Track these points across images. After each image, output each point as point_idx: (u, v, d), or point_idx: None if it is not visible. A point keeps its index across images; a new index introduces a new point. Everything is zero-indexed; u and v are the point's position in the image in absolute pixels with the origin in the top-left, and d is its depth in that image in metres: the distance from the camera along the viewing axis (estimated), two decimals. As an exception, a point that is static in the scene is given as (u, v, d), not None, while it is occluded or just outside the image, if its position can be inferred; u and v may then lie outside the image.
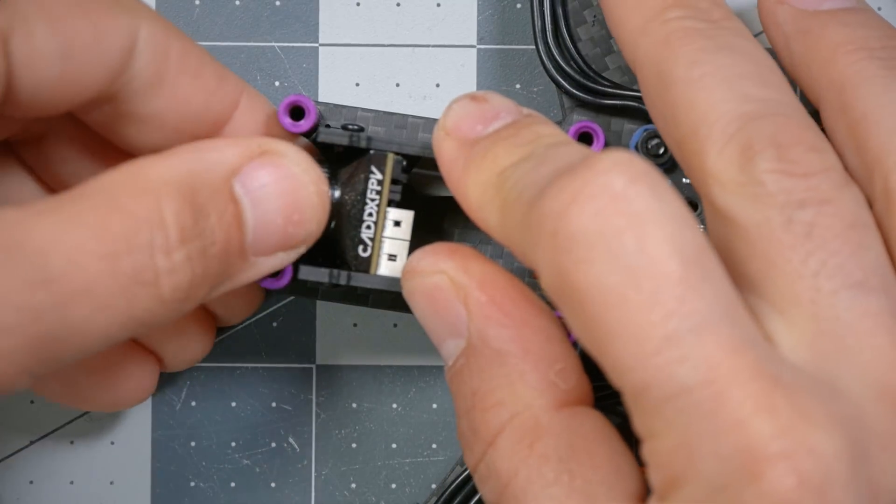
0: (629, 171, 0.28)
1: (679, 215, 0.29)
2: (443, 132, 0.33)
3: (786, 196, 0.30)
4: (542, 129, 0.32)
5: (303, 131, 0.37)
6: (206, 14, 0.41)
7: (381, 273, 0.36)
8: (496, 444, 0.31)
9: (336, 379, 0.41)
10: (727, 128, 0.30)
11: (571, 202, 0.28)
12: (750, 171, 0.30)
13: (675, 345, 0.28)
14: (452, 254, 0.33)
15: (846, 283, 0.30)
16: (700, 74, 0.31)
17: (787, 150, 0.30)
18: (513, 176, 0.31)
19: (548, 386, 0.31)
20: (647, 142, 0.38)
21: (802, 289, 0.30)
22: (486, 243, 0.39)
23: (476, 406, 0.32)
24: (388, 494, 0.41)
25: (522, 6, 0.41)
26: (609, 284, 0.28)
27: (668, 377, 0.28)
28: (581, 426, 0.31)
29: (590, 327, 0.28)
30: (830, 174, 0.30)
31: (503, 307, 0.32)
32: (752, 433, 0.27)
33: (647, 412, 0.28)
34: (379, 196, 0.36)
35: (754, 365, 0.28)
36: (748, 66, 0.32)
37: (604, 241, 0.28)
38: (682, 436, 0.28)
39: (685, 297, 0.28)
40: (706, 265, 0.29)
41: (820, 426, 0.28)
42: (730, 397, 0.28)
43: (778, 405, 0.28)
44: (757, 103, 0.31)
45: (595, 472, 0.30)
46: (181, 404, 0.41)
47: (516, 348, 0.32)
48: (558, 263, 0.28)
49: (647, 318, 0.28)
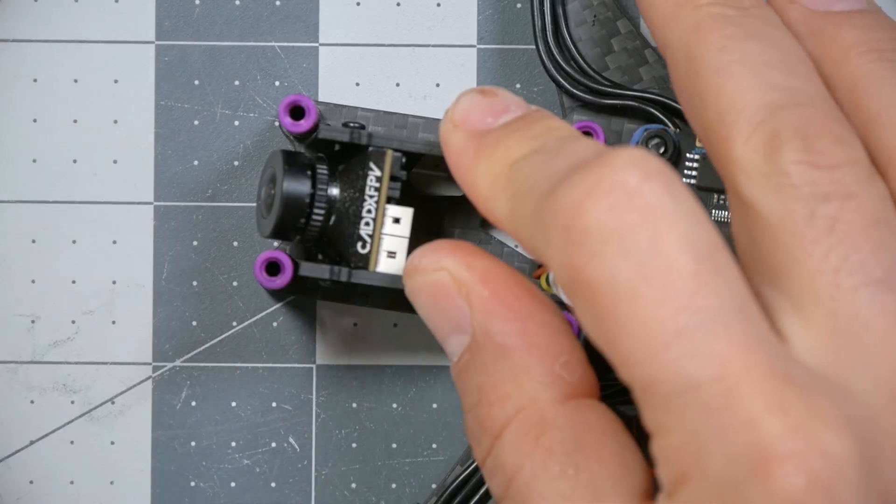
0: (644, 167, 0.29)
1: (693, 212, 0.29)
2: (451, 124, 0.33)
3: (810, 188, 0.30)
4: (553, 123, 0.32)
5: (303, 131, 0.37)
6: (206, 14, 0.41)
7: (380, 270, 0.36)
8: (502, 438, 0.31)
9: (336, 379, 0.41)
10: (754, 116, 0.30)
11: (586, 197, 0.28)
12: (776, 160, 0.30)
13: (685, 340, 0.28)
14: (454, 250, 0.33)
15: (866, 280, 0.29)
16: (729, 61, 0.31)
17: (814, 140, 0.30)
18: (524, 168, 0.31)
19: (553, 379, 0.31)
20: (647, 142, 0.38)
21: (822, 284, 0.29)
22: (487, 243, 0.39)
23: (482, 401, 0.32)
24: (388, 494, 0.41)
25: (522, 6, 0.41)
26: (621, 279, 0.28)
27: (677, 372, 0.28)
28: (587, 419, 0.31)
29: (600, 321, 0.28)
30: (856, 167, 0.30)
31: (506, 301, 0.32)
32: (763, 432, 0.27)
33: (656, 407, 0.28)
34: (378, 193, 0.36)
35: (766, 362, 0.28)
36: (777, 55, 0.31)
37: (617, 236, 0.28)
38: (691, 432, 0.28)
39: (697, 292, 0.28)
40: (719, 262, 0.28)
41: (831, 427, 0.28)
42: (740, 394, 0.27)
43: (789, 404, 0.27)
44: (784, 92, 0.31)
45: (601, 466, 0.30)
46: (181, 404, 0.41)
47: (520, 342, 0.32)
48: (571, 257, 0.28)
49: (658, 312, 0.28)
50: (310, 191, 0.36)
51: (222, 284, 0.41)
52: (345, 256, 0.36)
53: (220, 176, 0.41)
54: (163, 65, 0.41)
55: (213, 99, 0.41)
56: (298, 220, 0.36)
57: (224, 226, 0.41)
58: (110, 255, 0.41)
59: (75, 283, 0.41)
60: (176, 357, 0.41)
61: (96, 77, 0.41)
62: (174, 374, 0.41)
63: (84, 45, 0.41)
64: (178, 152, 0.41)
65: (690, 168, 0.39)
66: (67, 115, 0.41)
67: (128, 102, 0.41)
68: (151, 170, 0.41)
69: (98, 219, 0.41)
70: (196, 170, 0.41)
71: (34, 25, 0.41)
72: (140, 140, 0.41)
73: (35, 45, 0.41)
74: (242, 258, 0.41)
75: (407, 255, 0.36)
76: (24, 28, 0.41)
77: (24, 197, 0.41)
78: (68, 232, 0.41)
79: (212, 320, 0.41)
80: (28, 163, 0.41)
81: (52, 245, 0.41)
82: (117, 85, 0.41)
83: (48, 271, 0.41)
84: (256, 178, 0.41)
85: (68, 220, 0.41)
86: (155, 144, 0.41)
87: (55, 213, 0.41)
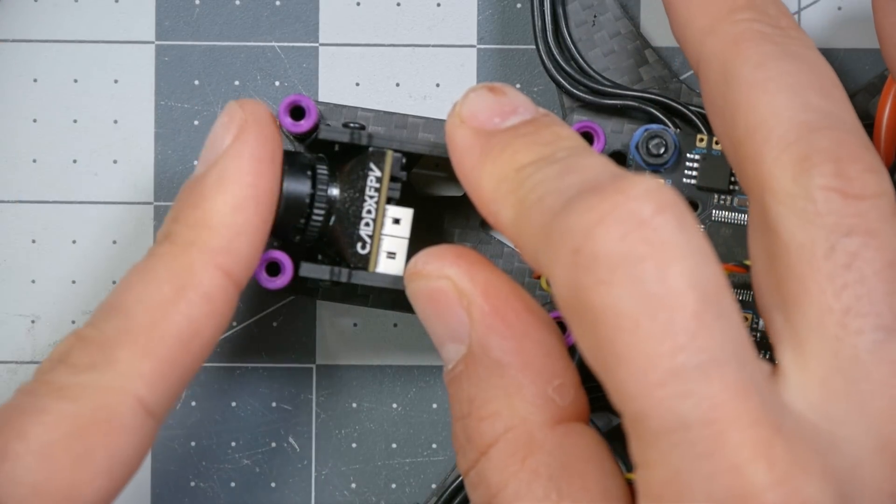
0: (659, 199, 0.28)
1: (702, 250, 0.28)
2: (458, 119, 0.33)
3: (835, 219, 0.30)
4: (562, 131, 0.32)
5: (303, 131, 0.37)
6: (206, 14, 0.41)
7: (379, 271, 0.36)
8: (489, 454, 0.31)
9: (336, 379, 0.41)
10: (787, 135, 0.30)
11: (599, 223, 0.28)
12: (804, 183, 0.30)
13: (680, 379, 0.28)
14: (457, 259, 0.33)
15: (874, 324, 0.29)
16: (765, 78, 0.31)
17: (845, 166, 0.30)
18: (533, 177, 0.31)
19: (545, 401, 0.31)
20: (647, 142, 0.38)
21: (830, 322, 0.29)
22: (486, 243, 0.39)
23: (472, 414, 0.32)
24: (388, 494, 0.41)
25: (522, 6, 0.41)
26: (624, 309, 0.28)
27: (668, 410, 0.28)
28: (575, 445, 0.31)
29: (599, 348, 0.28)
30: (881, 201, 0.30)
31: (506, 318, 0.32)
32: (748, 480, 0.27)
33: (644, 441, 0.28)
34: (378, 193, 0.36)
35: (758, 410, 0.28)
36: (812, 77, 0.31)
37: (626, 266, 0.28)
38: (676, 471, 0.28)
39: (698, 333, 0.28)
40: (722, 304, 0.28)
41: (815, 479, 0.28)
42: (728, 440, 0.27)
43: (776, 454, 0.27)
44: (818, 114, 0.31)
45: (584, 493, 0.30)
46: (181, 404, 0.41)
47: (516, 360, 0.32)
48: (577, 280, 0.28)
49: (657, 348, 0.28)
50: (310, 191, 0.36)
51: (222, 284, 0.41)
52: (345, 257, 0.36)
53: (220, 176, 0.41)
54: (163, 65, 0.41)
55: (213, 99, 0.41)
56: (298, 221, 0.36)
57: (224, 226, 0.41)
58: (110, 255, 0.41)
59: (75, 283, 0.41)
60: (176, 357, 0.41)
61: (96, 77, 0.41)
62: (174, 374, 0.41)
63: (84, 45, 0.41)
64: (178, 152, 0.41)
65: (690, 168, 0.39)
66: (67, 115, 0.41)
67: (128, 102, 0.41)
68: (151, 170, 0.41)
69: (98, 219, 0.41)
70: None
71: (34, 25, 0.41)
72: (140, 140, 0.41)
73: (35, 45, 0.41)
74: (242, 258, 0.41)
75: (407, 256, 0.36)
76: (24, 28, 0.41)
77: (24, 197, 0.41)
78: (68, 232, 0.41)
79: (212, 320, 0.41)
80: (28, 163, 0.41)
81: (52, 245, 0.41)
82: (117, 85, 0.41)
83: (48, 271, 0.41)
84: (256, 178, 0.41)
85: (68, 220, 0.41)
86: (155, 144, 0.41)
87: (55, 213, 0.41)
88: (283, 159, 0.36)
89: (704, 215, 0.39)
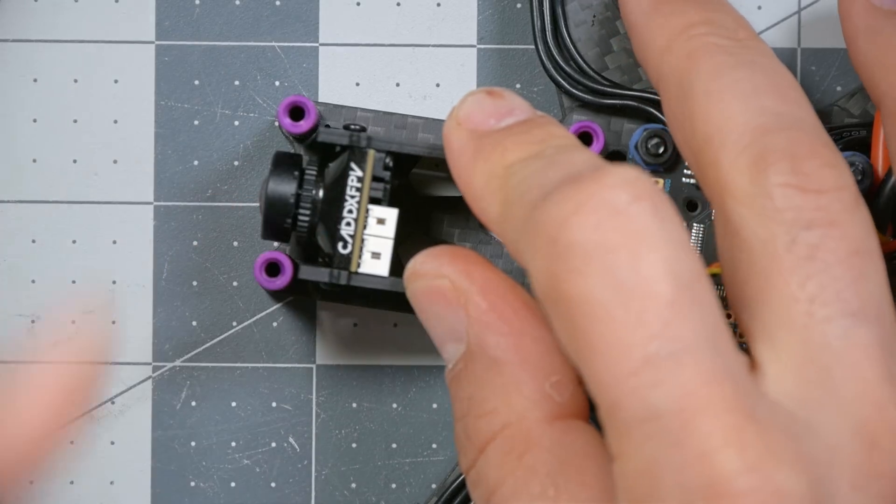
0: (635, 188, 0.28)
1: (678, 238, 0.28)
2: (454, 121, 0.33)
3: (794, 213, 0.29)
4: (555, 130, 0.32)
5: (303, 131, 0.37)
6: (206, 14, 0.41)
7: (363, 271, 0.36)
8: (486, 452, 0.31)
9: (336, 379, 0.41)
10: (741, 138, 0.30)
11: (574, 212, 0.28)
12: (761, 182, 0.30)
13: (652, 368, 0.27)
14: (455, 258, 0.33)
15: (842, 311, 0.29)
16: (718, 87, 0.31)
17: (801, 163, 0.30)
18: (519, 173, 0.31)
19: (542, 398, 0.31)
20: (647, 141, 0.38)
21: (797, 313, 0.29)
22: (486, 244, 0.39)
23: (471, 412, 0.32)
24: (388, 494, 0.41)
25: (522, 6, 0.41)
26: (598, 298, 0.28)
27: (640, 400, 0.27)
28: (572, 442, 0.31)
29: (574, 338, 0.28)
30: (842, 193, 0.30)
31: (503, 315, 0.32)
32: (718, 467, 0.27)
33: (618, 431, 0.28)
34: (359, 193, 0.36)
35: (730, 397, 0.27)
36: (767, 81, 0.31)
37: (600, 255, 0.28)
38: (648, 461, 0.27)
39: (671, 321, 0.28)
40: (698, 291, 0.28)
41: (788, 465, 0.27)
42: (698, 427, 0.27)
43: (747, 441, 0.27)
44: (773, 117, 0.31)
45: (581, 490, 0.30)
46: (181, 404, 0.41)
47: (514, 357, 0.32)
48: (552, 270, 0.28)
49: (630, 337, 0.28)
50: (295, 191, 0.36)
51: (222, 284, 0.41)
52: (330, 257, 0.36)
53: (220, 176, 0.41)
54: (163, 65, 0.41)
55: (213, 99, 0.41)
56: (284, 221, 0.36)
57: (224, 226, 0.41)
58: (110, 255, 0.41)
59: (75, 283, 0.41)
60: (176, 357, 0.41)
61: (96, 77, 0.41)
62: (174, 374, 0.41)
63: (84, 45, 0.41)
64: (178, 152, 0.41)
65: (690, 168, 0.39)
66: (67, 115, 0.41)
67: (128, 102, 0.41)
68: (151, 170, 0.41)
69: (98, 219, 0.41)
70: (196, 170, 0.41)
71: (34, 25, 0.41)
72: (140, 140, 0.41)
73: (35, 45, 0.41)
74: (242, 258, 0.41)
75: (392, 257, 0.36)
76: (24, 28, 0.41)
77: (24, 197, 0.41)
78: (68, 232, 0.41)
79: (212, 320, 0.41)
80: (28, 163, 0.41)
81: (52, 245, 0.41)
82: (117, 85, 0.41)
83: (48, 271, 0.41)
84: (256, 178, 0.41)
85: (68, 220, 0.41)
86: (155, 144, 0.41)
87: (55, 213, 0.41)
88: (272, 160, 0.36)
89: (704, 215, 0.39)
